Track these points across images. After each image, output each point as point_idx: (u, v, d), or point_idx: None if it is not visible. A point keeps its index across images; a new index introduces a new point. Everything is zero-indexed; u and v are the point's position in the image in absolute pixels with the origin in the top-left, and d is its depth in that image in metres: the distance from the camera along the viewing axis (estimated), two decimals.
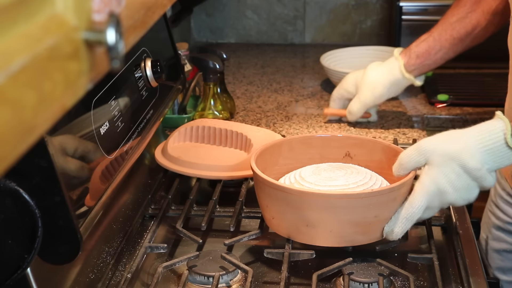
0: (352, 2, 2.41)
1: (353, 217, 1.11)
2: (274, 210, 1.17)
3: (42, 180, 0.95)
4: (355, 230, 1.13)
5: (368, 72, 1.64)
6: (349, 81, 1.68)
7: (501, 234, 1.46)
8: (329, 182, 1.18)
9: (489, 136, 1.11)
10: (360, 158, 1.31)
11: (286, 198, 1.13)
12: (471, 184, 1.12)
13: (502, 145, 1.11)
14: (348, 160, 1.32)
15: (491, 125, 1.13)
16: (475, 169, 1.10)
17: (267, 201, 1.17)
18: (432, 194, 1.12)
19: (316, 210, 1.11)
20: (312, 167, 1.26)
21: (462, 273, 1.13)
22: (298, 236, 1.17)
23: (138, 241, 1.25)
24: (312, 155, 1.32)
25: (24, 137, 0.46)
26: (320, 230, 1.13)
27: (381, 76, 1.62)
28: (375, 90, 1.63)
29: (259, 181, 1.17)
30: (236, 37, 2.49)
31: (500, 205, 1.47)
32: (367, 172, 1.23)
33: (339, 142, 1.33)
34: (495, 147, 1.11)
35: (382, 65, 1.64)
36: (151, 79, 1.37)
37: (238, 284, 1.14)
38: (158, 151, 1.47)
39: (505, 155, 1.11)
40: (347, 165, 1.26)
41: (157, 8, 0.80)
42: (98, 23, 0.54)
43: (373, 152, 1.29)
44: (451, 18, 1.55)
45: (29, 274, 0.95)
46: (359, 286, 1.11)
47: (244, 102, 1.93)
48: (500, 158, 1.11)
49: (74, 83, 0.53)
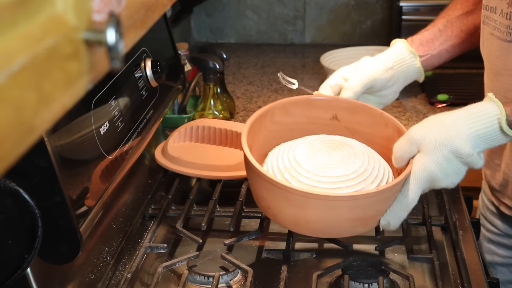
0: (352, 2, 2.41)
1: (356, 214, 1.09)
2: (271, 202, 1.12)
3: (42, 180, 0.95)
4: (355, 224, 1.11)
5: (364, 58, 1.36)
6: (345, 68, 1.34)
7: (492, 246, 1.44)
8: (328, 172, 1.12)
9: (481, 121, 1.09)
10: (347, 121, 1.26)
11: (286, 196, 1.08)
12: (462, 168, 1.11)
13: (495, 130, 1.09)
14: (335, 123, 1.27)
15: (483, 108, 1.10)
16: (467, 155, 1.09)
17: (263, 193, 1.13)
18: (425, 182, 1.11)
19: (319, 211, 1.08)
20: (305, 145, 1.19)
21: (462, 273, 1.13)
22: (297, 228, 1.14)
23: (138, 241, 1.25)
24: (298, 117, 1.26)
25: (24, 137, 0.46)
26: (320, 225, 1.11)
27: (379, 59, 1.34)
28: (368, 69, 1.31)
29: (255, 173, 1.11)
30: (236, 37, 2.49)
31: (488, 217, 1.45)
32: (363, 152, 1.18)
33: (326, 103, 1.28)
34: (487, 132, 1.09)
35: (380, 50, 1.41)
36: (151, 79, 1.37)
37: (238, 284, 1.14)
38: (158, 151, 1.47)
39: (497, 138, 1.10)
40: (341, 142, 1.20)
41: (157, 8, 0.80)
42: (98, 23, 0.54)
43: (360, 116, 1.25)
44: (455, 11, 1.43)
45: (29, 274, 0.95)
46: (359, 286, 1.11)
47: (244, 102, 1.93)
48: (492, 141, 1.10)
49: (74, 83, 0.53)
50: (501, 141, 1.10)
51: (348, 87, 1.27)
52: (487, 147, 1.11)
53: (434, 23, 1.42)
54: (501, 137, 1.09)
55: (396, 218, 1.12)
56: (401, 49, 1.35)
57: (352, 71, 1.31)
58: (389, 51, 1.35)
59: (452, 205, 1.32)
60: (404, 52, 1.35)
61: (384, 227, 1.13)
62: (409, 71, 1.36)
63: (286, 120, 1.26)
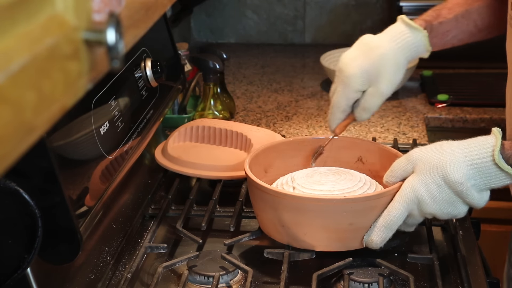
0: (352, 2, 2.41)
1: (325, 222, 1.11)
2: (256, 206, 1.20)
3: (42, 180, 0.95)
4: (328, 235, 1.12)
5: (384, 52, 1.22)
6: (357, 78, 1.22)
7: None
8: (315, 186, 1.19)
9: (477, 151, 1.06)
10: (371, 164, 1.30)
11: (263, 197, 1.15)
12: (453, 198, 1.08)
13: (489, 162, 1.05)
14: (360, 165, 1.31)
15: (482, 140, 1.07)
16: (456, 182, 1.05)
17: (252, 198, 1.20)
18: (410, 202, 1.08)
19: (289, 212, 1.12)
20: (309, 169, 1.27)
21: (462, 273, 1.13)
22: (276, 235, 1.18)
23: (138, 241, 1.25)
24: (324, 157, 1.32)
25: (24, 137, 0.46)
26: (295, 231, 1.13)
27: (402, 55, 1.24)
28: (397, 74, 1.24)
29: (248, 179, 1.18)
30: (236, 37, 2.49)
31: None
32: (365, 180, 1.22)
33: (352, 144, 1.32)
34: (482, 163, 1.05)
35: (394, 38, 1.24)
36: (151, 79, 1.37)
37: (238, 284, 1.14)
38: (158, 151, 1.47)
39: (493, 173, 1.05)
40: (347, 171, 1.25)
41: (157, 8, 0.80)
42: (98, 23, 0.54)
43: (384, 159, 1.25)
44: (475, 2, 1.30)
45: (29, 274, 0.95)
46: (359, 286, 1.11)
47: (244, 102, 1.93)
48: (488, 175, 1.06)
49: (74, 83, 0.53)
50: (500, 178, 1.05)
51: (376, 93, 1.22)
52: (487, 184, 1.07)
53: (454, 8, 1.30)
54: (497, 172, 1.05)
55: (378, 235, 1.11)
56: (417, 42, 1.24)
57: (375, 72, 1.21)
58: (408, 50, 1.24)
59: None
60: (419, 46, 1.24)
61: (367, 243, 1.13)
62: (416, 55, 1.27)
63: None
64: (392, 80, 1.23)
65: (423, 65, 1.96)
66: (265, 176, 1.25)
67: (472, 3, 1.31)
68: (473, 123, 1.81)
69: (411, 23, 1.23)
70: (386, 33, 1.25)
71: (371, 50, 1.22)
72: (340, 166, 1.29)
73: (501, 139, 1.06)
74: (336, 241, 1.12)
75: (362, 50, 1.23)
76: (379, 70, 1.21)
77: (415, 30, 1.23)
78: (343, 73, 1.23)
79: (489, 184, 1.07)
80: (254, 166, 1.21)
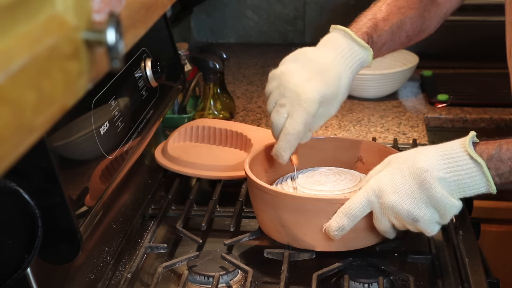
0: (352, 2, 2.41)
1: (325, 222, 1.10)
2: (256, 206, 1.20)
3: (42, 180, 0.95)
4: (328, 235, 1.12)
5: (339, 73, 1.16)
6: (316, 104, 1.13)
7: None
8: (316, 186, 1.19)
9: (449, 144, 1.03)
10: (371, 164, 1.29)
11: (263, 197, 1.15)
12: (416, 193, 1.02)
13: (459, 151, 1.01)
14: (360, 165, 1.31)
15: (458, 139, 1.04)
16: (422, 169, 1.01)
17: (252, 198, 1.20)
18: (371, 191, 1.05)
19: (289, 212, 1.12)
20: (310, 169, 1.27)
21: (462, 273, 1.13)
22: (276, 235, 1.18)
23: (138, 241, 1.25)
24: (325, 157, 1.32)
25: (24, 137, 0.46)
26: (295, 231, 1.13)
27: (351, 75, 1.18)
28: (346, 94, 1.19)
29: (248, 179, 1.18)
30: (236, 37, 2.49)
31: None
32: (362, 180, 1.21)
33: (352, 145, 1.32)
34: (452, 153, 1.01)
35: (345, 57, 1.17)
36: (151, 79, 1.37)
37: (238, 284, 1.14)
38: (158, 151, 1.47)
39: (463, 165, 1.00)
40: (347, 171, 1.25)
41: (157, 8, 0.80)
42: (98, 23, 0.54)
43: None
44: (408, 11, 1.26)
45: (29, 274, 0.95)
46: (359, 286, 1.11)
47: (244, 102, 1.93)
48: (458, 167, 1.00)
49: (74, 83, 0.53)
50: (471, 173, 0.99)
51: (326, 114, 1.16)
52: (457, 182, 1.00)
53: (388, 18, 1.24)
54: (467, 163, 1.00)
55: (335, 220, 1.08)
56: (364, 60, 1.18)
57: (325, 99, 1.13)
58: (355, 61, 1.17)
59: None
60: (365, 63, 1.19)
61: (326, 229, 1.09)
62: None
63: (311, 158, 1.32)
64: (343, 100, 1.18)
65: (423, 65, 1.96)
66: (265, 176, 1.25)
67: (405, 12, 1.26)
68: (473, 123, 1.81)
69: (360, 42, 1.17)
70: (334, 49, 1.17)
71: (326, 71, 1.14)
72: (340, 166, 1.29)
73: (475, 138, 1.03)
74: (336, 241, 1.12)
75: (315, 70, 1.14)
76: (336, 93, 1.15)
77: (364, 48, 1.17)
78: (300, 97, 1.11)
79: (459, 183, 1.01)
80: (254, 166, 1.21)
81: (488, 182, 1.01)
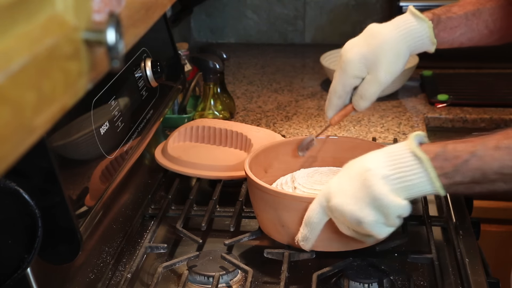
0: (352, 2, 2.41)
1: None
2: (256, 206, 1.20)
3: (42, 180, 0.95)
4: (328, 235, 1.11)
5: (384, 39, 1.21)
6: (355, 64, 1.21)
7: None
8: (316, 186, 1.19)
9: (396, 144, 1.00)
10: None
11: (263, 197, 1.15)
12: (359, 193, 0.98)
13: (403, 149, 0.97)
14: None
15: None
16: (365, 168, 0.98)
17: (252, 198, 1.20)
18: (322, 197, 1.04)
19: (289, 212, 1.12)
20: (310, 169, 1.27)
21: (462, 273, 1.13)
22: (276, 235, 1.18)
23: (138, 241, 1.25)
24: (325, 157, 1.32)
25: (24, 137, 0.46)
26: (295, 231, 1.12)
27: (403, 44, 1.21)
28: (397, 63, 1.21)
29: (248, 179, 1.18)
30: (236, 37, 2.49)
31: None
32: None
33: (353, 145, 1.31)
34: (396, 150, 0.98)
35: (397, 26, 1.22)
36: (151, 79, 1.37)
37: (238, 284, 1.14)
38: (158, 151, 1.47)
39: (407, 162, 0.96)
40: None
41: (157, 8, 0.80)
42: (98, 23, 0.54)
43: None
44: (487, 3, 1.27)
45: (29, 274, 0.95)
46: (359, 286, 1.11)
47: (244, 102, 1.93)
48: (401, 163, 0.96)
49: (74, 83, 0.53)
50: (414, 170, 0.95)
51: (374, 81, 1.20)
52: (401, 179, 0.96)
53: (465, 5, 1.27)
54: (410, 159, 0.96)
55: (300, 231, 1.08)
56: (421, 32, 1.21)
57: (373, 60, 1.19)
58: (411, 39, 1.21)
59: (452, 205, 1.32)
60: (423, 36, 1.22)
61: (297, 240, 1.09)
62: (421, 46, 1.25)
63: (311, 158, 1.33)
64: (391, 68, 1.20)
65: (423, 65, 1.96)
66: (265, 176, 1.25)
67: (484, 3, 1.27)
68: (473, 123, 1.81)
69: (416, 13, 1.21)
70: (391, 21, 1.23)
71: (373, 37, 1.21)
72: (340, 166, 1.28)
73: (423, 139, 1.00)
74: (336, 241, 1.12)
75: (365, 36, 1.22)
76: (378, 58, 1.19)
77: (420, 19, 1.21)
78: (342, 58, 1.23)
79: (403, 180, 0.96)
80: (254, 166, 1.21)
81: (431, 180, 0.96)
